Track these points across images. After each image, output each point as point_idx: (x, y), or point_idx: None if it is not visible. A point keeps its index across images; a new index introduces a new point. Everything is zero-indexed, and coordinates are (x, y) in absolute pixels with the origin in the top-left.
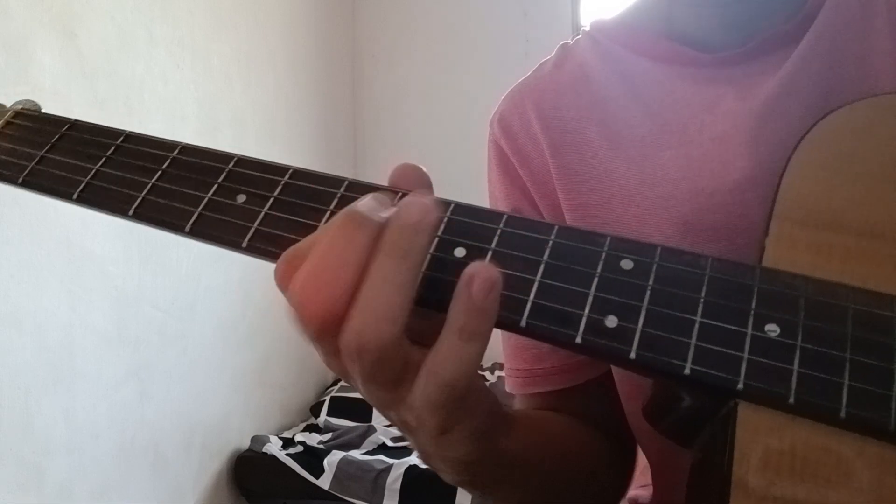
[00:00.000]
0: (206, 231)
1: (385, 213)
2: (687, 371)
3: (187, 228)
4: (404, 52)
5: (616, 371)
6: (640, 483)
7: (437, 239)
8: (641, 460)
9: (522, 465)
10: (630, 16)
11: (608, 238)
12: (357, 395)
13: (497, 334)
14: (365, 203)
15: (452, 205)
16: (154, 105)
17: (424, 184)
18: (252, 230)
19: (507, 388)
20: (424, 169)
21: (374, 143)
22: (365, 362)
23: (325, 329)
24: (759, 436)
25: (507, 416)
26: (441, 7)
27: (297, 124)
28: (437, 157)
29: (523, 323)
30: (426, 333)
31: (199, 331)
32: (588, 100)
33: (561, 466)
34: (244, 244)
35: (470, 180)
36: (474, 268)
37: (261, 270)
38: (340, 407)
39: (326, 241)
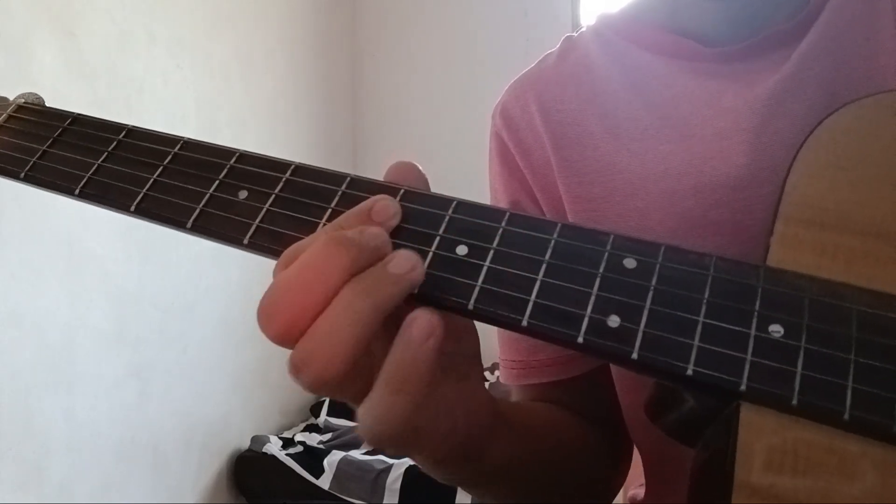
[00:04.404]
0: (207, 227)
1: (381, 246)
2: (689, 372)
3: (189, 224)
4: (404, 51)
5: (614, 365)
6: (640, 482)
7: (438, 237)
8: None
9: (508, 474)
10: (634, 9)
11: (611, 237)
12: None
13: (491, 326)
14: (359, 228)
15: (455, 202)
16: (154, 105)
17: (420, 181)
18: (254, 227)
19: (502, 379)
20: (420, 168)
21: (373, 144)
22: (302, 382)
23: (284, 340)
24: (762, 436)
25: (485, 434)
26: (441, 7)
27: (297, 124)
28: (438, 157)
29: (525, 322)
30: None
31: (199, 331)
32: (589, 92)
33: (553, 464)
34: (246, 241)
35: (470, 182)
36: (417, 312)
37: (261, 270)
38: (340, 407)
39: (307, 255)
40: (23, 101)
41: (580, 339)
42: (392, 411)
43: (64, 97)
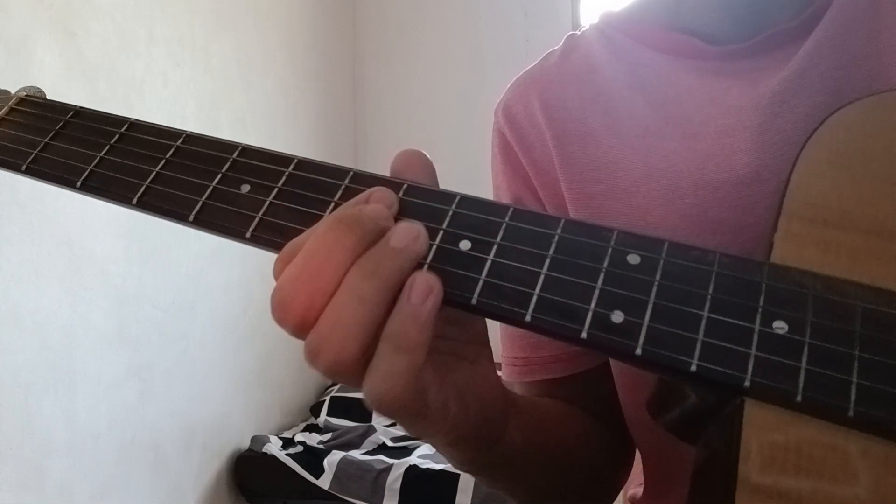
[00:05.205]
0: (210, 220)
1: (381, 221)
2: (693, 368)
3: (191, 217)
4: (404, 51)
5: (615, 362)
6: (639, 481)
7: (442, 231)
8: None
9: (521, 461)
10: (638, 7)
11: (615, 232)
12: (357, 394)
13: (494, 324)
14: (358, 206)
15: (458, 197)
16: (154, 105)
17: (428, 170)
18: (256, 220)
19: (504, 376)
20: (427, 155)
21: (374, 144)
22: (319, 368)
23: (302, 331)
24: (765, 433)
25: (499, 420)
26: (441, 7)
27: (298, 124)
28: (439, 157)
29: (528, 317)
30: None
31: (200, 331)
32: (592, 90)
33: (559, 457)
34: (248, 234)
35: (471, 181)
36: (415, 275)
37: (261, 270)
38: (340, 407)
39: (312, 242)
40: (24, 93)
41: (584, 335)
42: (394, 368)
43: (64, 97)
